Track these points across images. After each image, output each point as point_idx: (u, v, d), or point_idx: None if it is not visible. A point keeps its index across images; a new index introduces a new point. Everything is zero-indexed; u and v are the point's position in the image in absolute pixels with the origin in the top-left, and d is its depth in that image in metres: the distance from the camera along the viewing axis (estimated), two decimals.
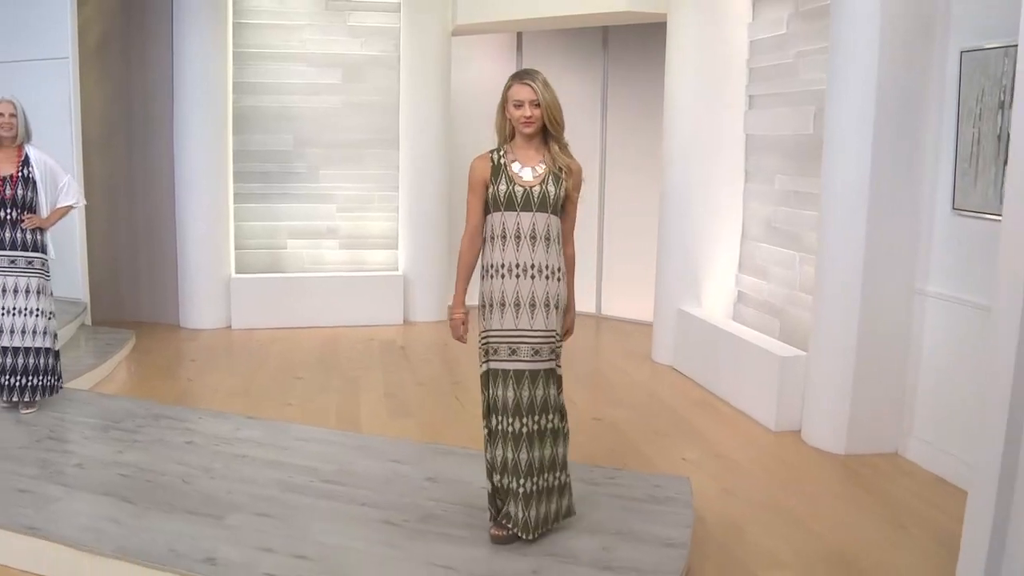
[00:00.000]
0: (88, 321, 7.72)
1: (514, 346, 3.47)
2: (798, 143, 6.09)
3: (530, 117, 3.53)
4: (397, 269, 8.95)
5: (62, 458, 4.56)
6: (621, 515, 3.89)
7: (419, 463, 4.53)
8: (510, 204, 3.52)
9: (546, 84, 3.57)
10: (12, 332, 5.11)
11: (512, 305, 3.48)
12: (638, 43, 8.47)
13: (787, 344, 5.93)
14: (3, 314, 5.10)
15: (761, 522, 4.24)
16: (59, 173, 5.29)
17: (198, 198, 8.35)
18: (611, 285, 9.16)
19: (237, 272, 8.65)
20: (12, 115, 5.09)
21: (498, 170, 3.55)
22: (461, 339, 3.67)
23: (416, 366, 7.19)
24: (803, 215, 6.01)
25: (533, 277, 3.50)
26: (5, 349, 5.14)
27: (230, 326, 8.52)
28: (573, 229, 3.73)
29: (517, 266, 3.50)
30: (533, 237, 3.51)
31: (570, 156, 3.67)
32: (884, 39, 4.91)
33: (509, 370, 3.46)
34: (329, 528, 3.73)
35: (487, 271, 3.57)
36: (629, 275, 8.79)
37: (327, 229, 8.83)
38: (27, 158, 5.15)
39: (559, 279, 3.56)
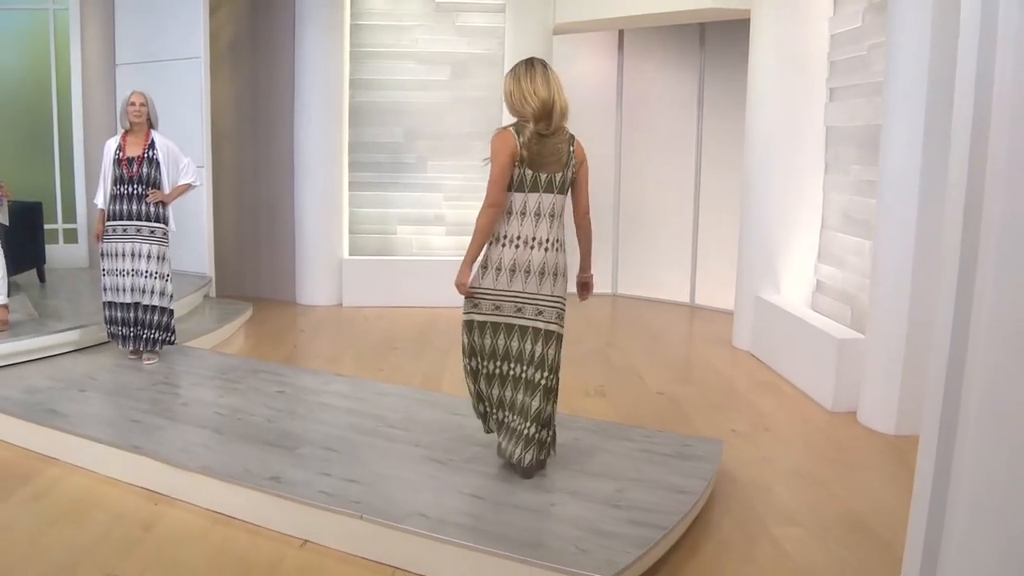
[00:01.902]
0: (212, 293, 8.58)
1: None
2: (870, 134, 6.29)
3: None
4: None
5: (171, 398, 5.30)
6: (644, 466, 4.29)
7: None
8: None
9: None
10: (133, 290, 5.93)
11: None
12: (734, 40, 8.72)
13: (856, 331, 6.10)
14: (126, 275, 5.91)
15: (789, 485, 4.56)
16: (180, 156, 6.05)
17: (315, 185, 9.12)
18: (705, 276, 9.45)
19: (350, 254, 9.36)
20: (142, 104, 5.89)
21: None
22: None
23: None
24: (874, 204, 6.21)
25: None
26: (127, 305, 5.98)
27: (341, 303, 9.24)
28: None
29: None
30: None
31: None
32: (936, 27, 5.11)
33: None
34: (382, 462, 4.28)
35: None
36: (723, 266, 9.05)
37: (434, 217, 9.42)
38: (153, 142, 5.93)
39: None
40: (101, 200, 5.99)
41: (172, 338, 6.14)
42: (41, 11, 9.23)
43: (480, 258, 4.08)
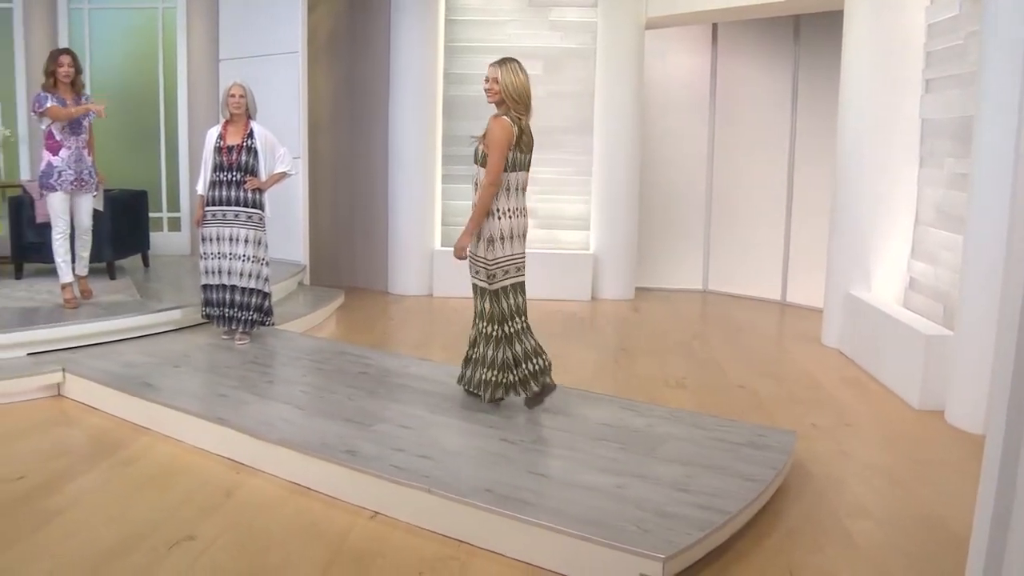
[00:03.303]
0: (306, 281, 8.83)
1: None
2: (965, 126, 6.11)
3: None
4: (589, 249, 9.49)
5: (258, 376, 5.50)
6: (715, 454, 4.28)
7: (552, 400, 5.06)
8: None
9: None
10: (230, 273, 6.19)
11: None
12: (830, 32, 8.56)
13: (947, 329, 5.93)
14: (223, 257, 6.16)
15: (865, 480, 4.49)
16: (276, 145, 6.27)
17: (409, 178, 9.30)
18: (796, 273, 9.30)
19: (441, 246, 9.50)
20: (241, 96, 6.13)
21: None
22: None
23: (590, 334, 7.73)
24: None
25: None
26: (224, 287, 6.24)
27: (431, 294, 9.40)
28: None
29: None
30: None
31: None
32: None
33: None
34: (454, 440, 4.38)
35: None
36: (815, 263, 8.88)
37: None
38: (251, 131, 6.16)
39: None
40: (201, 187, 6.26)
41: (268, 320, 6.37)
42: (151, 9, 9.65)
43: (487, 233, 4.64)
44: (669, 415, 4.89)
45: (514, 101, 4.62)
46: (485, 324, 4.77)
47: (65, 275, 6.60)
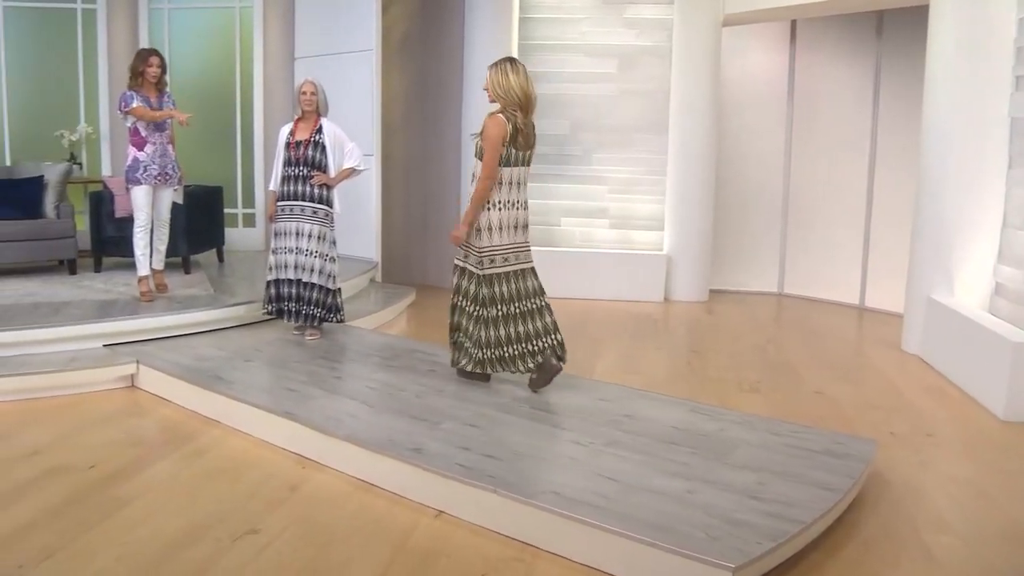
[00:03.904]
0: (378, 278, 8.86)
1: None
2: None
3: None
4: (662, 249, 9.36)
5: (327, 371, 5.51)
6: (789, 460, 4.14)
7: (622, 402, 4.99)
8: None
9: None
10: (297, 268, 6.21)
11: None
12: (914, 28, 8.30)
13: None
14: (291, 252, 6.19)
15: (946, 492, 4.30)
16: (345, 141, 6.28)
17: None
18: (876, 277, 9.04)
19: None
20: (313, 93, 6.16)
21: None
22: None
23: (662, 336, 7.61)
24: None
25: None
26: (291, 281, 6.27)
27: None
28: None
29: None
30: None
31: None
32: None
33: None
34: (522, 441, 4.31)
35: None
36: (896, 267, 8.63)
37: (598, 209, 9.40)
38: (321, 127, 6.19)
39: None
40: (273, 183, 6.30)
41: (334, 317, 6.37)
42: (228, 9, 9.79)
43: (477, 223, 4.96)
44: (742, 420, 4.76)
45: (503, 100, 4.92)
46: (468, 303, 5.11)
47: (142, 268, 6.72)
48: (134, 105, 6.49)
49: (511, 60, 4.98)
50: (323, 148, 6.16)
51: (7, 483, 4.16)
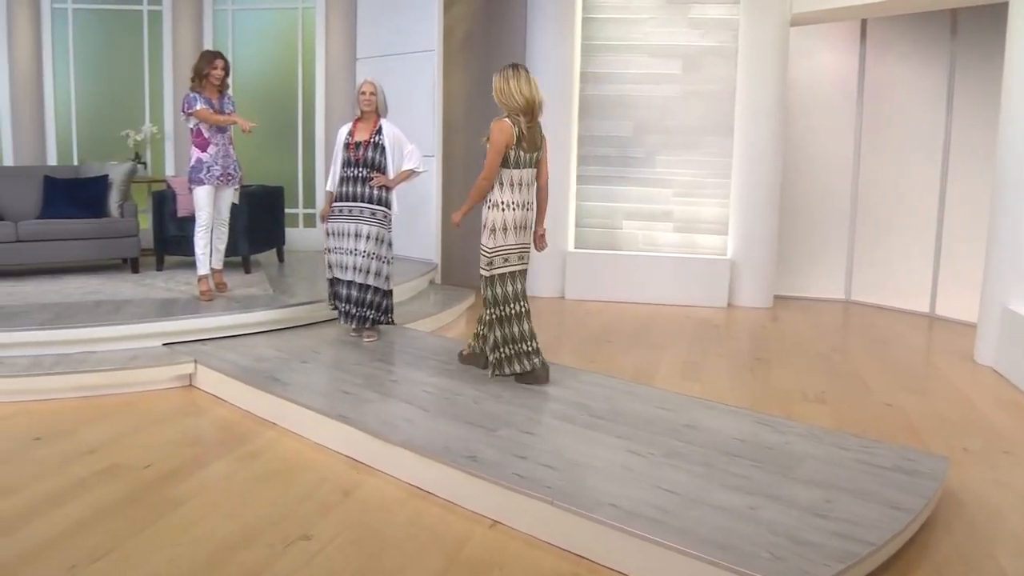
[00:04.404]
0: (437, 280, 8.80)
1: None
2: None
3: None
4: (726, 254, 9.18)
5: (384, 374, 5.45)
6: (858, 477, 3.98)
7: (683, 411, 4.86)
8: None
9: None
10: (354, 269, 6.15)
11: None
12: (991, 27, 8.03)
13: None
14: (347, 253, 6.16)
15: None
16: (404, 142, 6.23)
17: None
18: (948, 285, 8.76)
19: (575, 247, 9.35)
20: (372, 93, 6.12)
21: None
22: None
23: (724, 342, 7.44)
24: None
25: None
26: (347, 282, 6.24)
27: (563, 296, 9.26)
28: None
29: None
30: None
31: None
32: None
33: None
34: (580, 449, 4.20)
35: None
36: (969, 275, 8.35)
37: (661, 212, 9.25)
38: (380, 128, 6.14)
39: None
40: (330, 183, 6.28)
41: (386, 318, 6.32)
42: (291, 10, 9.83)
43: (489, 223, 5.16)
44: (807, 432, 4.60)
45: (506, 105, 5.09)
46: (484, 308, 5.29)
47: (202, 267, 6.75)
48: (197, 107, 6.54)
49: (513, 66, 5.13)
50: (382, 149, 6.12)
51: (64, 481, 4.18)
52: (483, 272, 5.22)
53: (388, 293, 6.28)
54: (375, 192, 6.12)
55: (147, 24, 9.76)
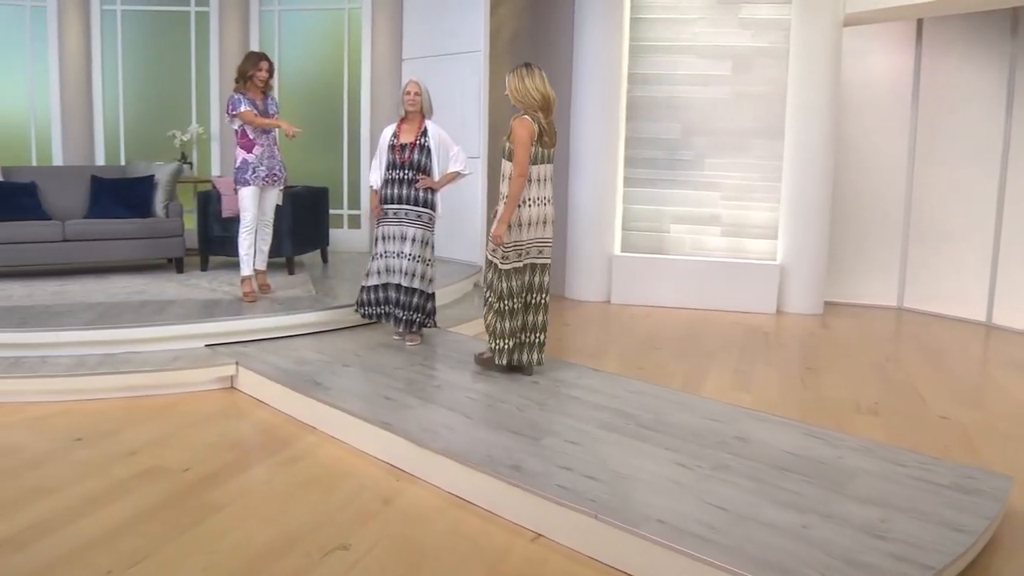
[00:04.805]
0: (481, 282, 8.68)
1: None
2: None
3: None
4: (775, 259, 9.00)
5: (426, 379, 5.37)
6: (916, 495, 3.82)
7: (733, 423, 4.72)
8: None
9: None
10: (400, 272, 6.08)
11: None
12: None
13: None
14: (392, 256, 6.08)
15: None
16: (450, 144, 6.15)
17: (590, 180, 9.07)
18: (1006, 293, 8.49)
19: (621, 251, 9.22)
20: (417, 93, 6.04)
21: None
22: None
23: (774, 351, 7.27)
24: None
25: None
26: (392, 285, 6.18)
27: (609, 300, 9.14)
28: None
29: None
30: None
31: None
32: None
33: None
34: (626, 461, 4.09)
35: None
36: None
37: (710, 216, 9.09)
38: (425, 130, 6.06)
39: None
40: (375, 180, 6.20)
41: (429, 321, 6.24)
42: (337, 10, 9.81)
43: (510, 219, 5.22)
44: (861, 446, 4.44)
45: (522, 103, 5.22)
46: (492, 297, 5.33)
47: (246, 268, 6.73)
48: (241, 110, 6.52)
49: (527, 65, 5.25)
50: (428, 151, 6.04)
51: (104, 482, 4.16)
52: (498, 264, 5.28)
53: (431, 296, 6.20)
54: (421, 194, 6.04)
55: (194, 25, 9.79)
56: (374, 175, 6.21)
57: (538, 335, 5.45)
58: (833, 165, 8.79)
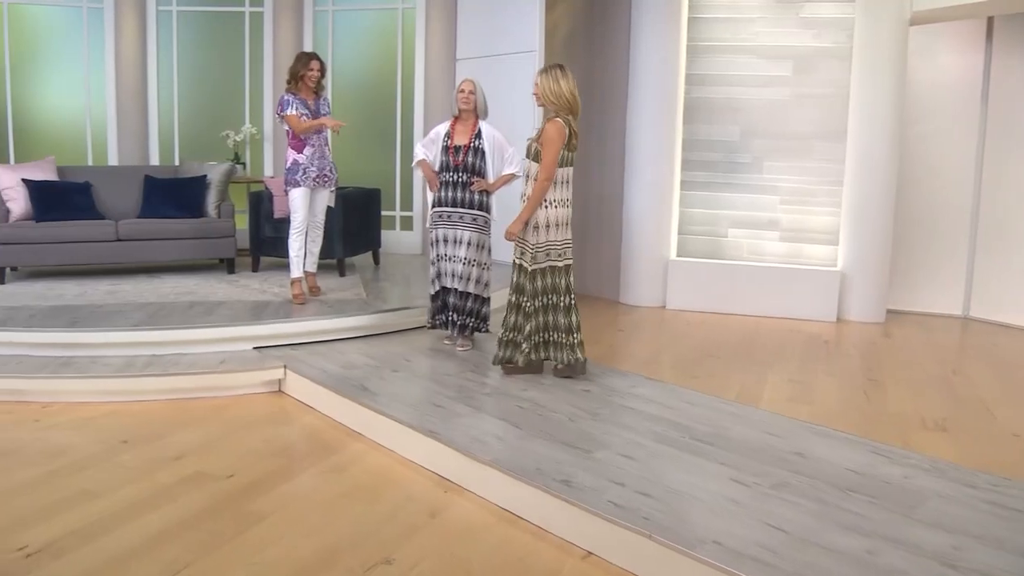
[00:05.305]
0: None
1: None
2: None
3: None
4: (836, 265, 8.74)
5: (477, 387, 5.25)
6: (989, 520, 3.61)
7: (793, 438, 4.54)
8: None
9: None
10: (452, 276, 5.97)
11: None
12: None
13: None
14: (447, 260, 5.97)
15: None
16: (505, 146, 6.03)
17: (646, 183, 8.88)
18: None
19: (677, 255, 9.03)
20: (471, 92, 5.93)
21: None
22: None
23: (834, 360, 7.04)
24: None
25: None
26: (447, 290, 6.07)
27: (664, 306, 8.95)
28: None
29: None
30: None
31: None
32: None
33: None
34: (681, 477, 3.93)
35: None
36: None
37: (768, 221, 8.86)
38: (480, 131, 5.94)
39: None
40: (420, 152, 6.11)
41: (482, 326, 6.12)
42: (391, 10, 9.75)
43: (533, 220, 5.30)
44: (930, 466, 4.23)
45: (555, 104, 5.21)
46: (524, 299, 5.36)
47: (296, 270, 6.68)
48: (288, 112, 6.50)
49: (560, 67, 5.26)
50: (483, 154, 5.93)
51: (149, 488, 4.11)
52: (526, 265, 5.34)
53: (485, 300, 6.08)
54: (476, 197, 5.94)
55: (248, 25, 9.80)
56: (419, 148, 6.12)
57: (564, 335, 5.46)
58: (897, 169, 8.51)
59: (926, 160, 8.92)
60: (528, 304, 5.36)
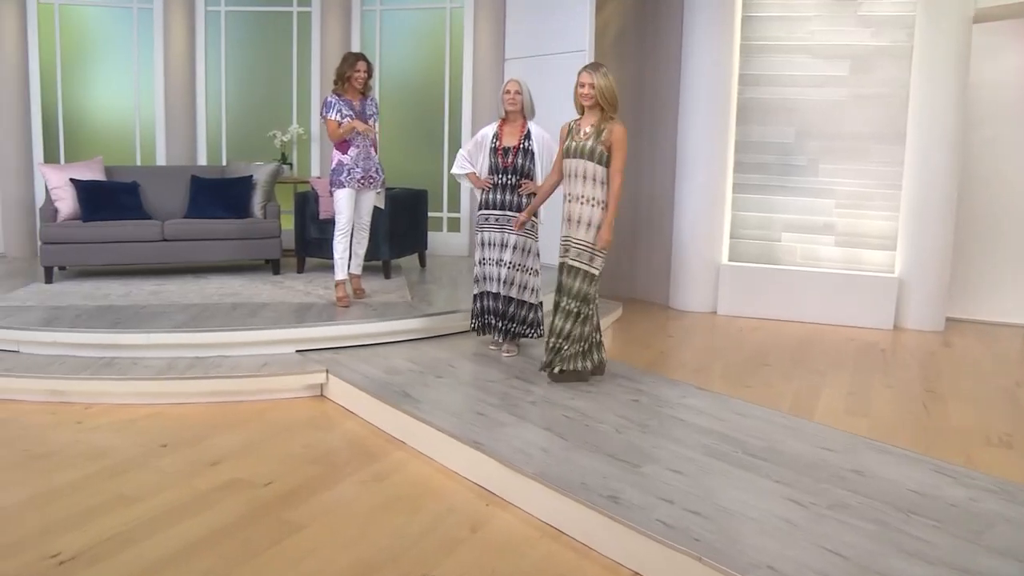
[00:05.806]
0: None
1: (566, 247, 5.27)
2: None
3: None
4: (893, 271, 8.48)
5: (522, 395, 5.12)
6: None
7: (851, 455, 4.35)
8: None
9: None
10: (500, 281, 5.84)
11: (576, 222, 5.23)
12: None
13: None
14: (494, 264, 5.84)
15: None
16: (554, 147, 5.87)
17: (697, 185, 8.69)
18: None
19: (728, 260, 8.82)
20: (517, 92, 5.80)
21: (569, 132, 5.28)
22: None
23: (892, 370, 6.80)
24: None
25: (582, 203, 5.21)
26: (494, 295, 5.95)
27: (715, 311, 8.75)
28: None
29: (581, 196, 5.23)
30: (583, 177, 5.22)
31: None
32: None
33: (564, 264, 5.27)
34: (732, 495, 3.76)
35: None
36: None
37: (823, 225, 8.62)
38: (528, 132, 5.81)
39: (594, 206, 5.19)
40: (467, 165, 6.00)
41: (534, 332, 5.97)
42: (439, 10, 9.66)
43: (605, 223, 5.17)
44: (997, 487, 4.01)
45: (609, 104, 5.13)
46: (579, 304, 5.22)
47: (340, 272, 6.60)
48: (329, 116, 6.46)
49: (604, 65, 5.24)
50: (532, 156, 5.80)
51: (186, 494, 4.04)
52: (594, 271, 5.22)
53: (535, 306, 5.92)
54: (523, 200, 5.80)
55: (296, 25, 9.77)
56: (463, 163, 6.00)
57: (560, 340, 5.31)
58: (958, 172, 8.23)
59: (989, 164, 8.62)
60: (582, 307, 5.24)
